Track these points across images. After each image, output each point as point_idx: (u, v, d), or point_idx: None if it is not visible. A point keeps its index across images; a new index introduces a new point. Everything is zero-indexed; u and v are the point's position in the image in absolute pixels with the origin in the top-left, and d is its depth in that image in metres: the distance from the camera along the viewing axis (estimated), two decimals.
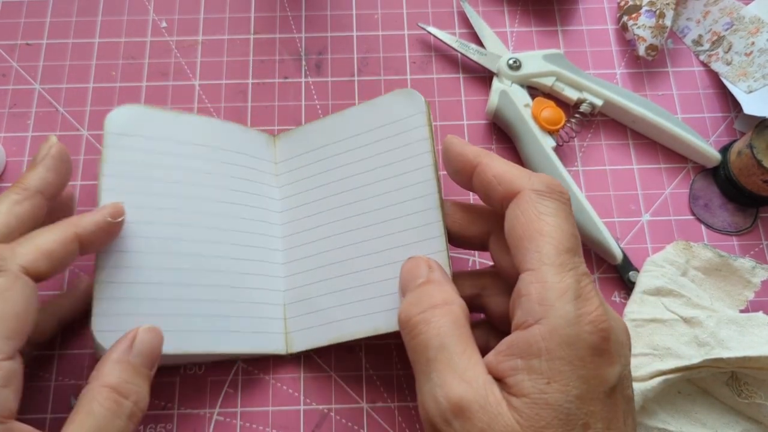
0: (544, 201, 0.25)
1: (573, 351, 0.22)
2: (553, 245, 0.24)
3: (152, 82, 0.41)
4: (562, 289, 0.23)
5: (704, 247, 0.35)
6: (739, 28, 0.42)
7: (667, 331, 0.33)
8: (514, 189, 0.26)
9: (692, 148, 0.39)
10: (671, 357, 0.32)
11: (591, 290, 0.24)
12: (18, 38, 0.42)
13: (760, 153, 0.36)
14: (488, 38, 0.42)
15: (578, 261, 0.24)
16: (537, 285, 0.24)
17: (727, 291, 0.35)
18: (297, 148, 0.37)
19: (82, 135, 0.40)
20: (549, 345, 0.23)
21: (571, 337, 0.22)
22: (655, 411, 0.32)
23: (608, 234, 0.36)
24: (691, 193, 0.39)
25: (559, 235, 0.24)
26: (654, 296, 0.34)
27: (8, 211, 0.28)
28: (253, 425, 0.34)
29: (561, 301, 0.23)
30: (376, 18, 0.44)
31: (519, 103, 0.39)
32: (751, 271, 0.35)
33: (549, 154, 0.37)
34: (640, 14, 0.41)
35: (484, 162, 0.28)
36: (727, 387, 0.32)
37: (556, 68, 0.40)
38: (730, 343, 0.32)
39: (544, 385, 0.22)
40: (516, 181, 0.26)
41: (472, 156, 0.28)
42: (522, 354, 0.23)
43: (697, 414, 0.33)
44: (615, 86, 0.40)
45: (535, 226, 0.25)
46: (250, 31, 0.43)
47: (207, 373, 0.35)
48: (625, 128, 0.41)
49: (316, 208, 0.35)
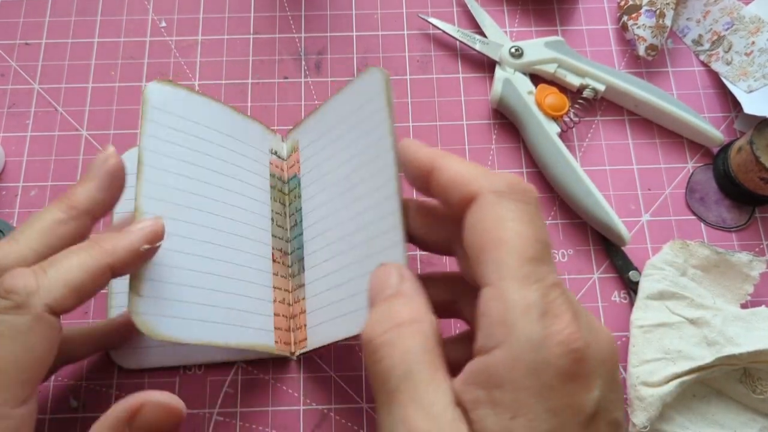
0: (505, 203, 0.22)
1: (540, 379, 0.19)
2: (514, 255, 0.21)
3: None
4: (525, 307, 0.20)
5: (701, 245, 0.35)
6: (739, 28, 0.42)
7: (676, 334, 0.33)
8: (471, 192, 0.23)
9: (694, 128, 0.39)
10: (684, 359, 0.32)
11: (561, 304, 0.20)
12: (17, 38, 0.42)
13: (760, 150, 0.36)
14: (489, 27, 0.42)
15: (545, 271, 0.21)
16: (497, 303, 0.20)
17: (726, 286, 0.35)
18: (304, 141, 0.37)
19: (81, 135, 0.40)
20: (512, 374, 0.19)
21: (537, 364, 0.19)
22: (672, 417, 0.32)
23: (615, 216, 0.36)
24: (689, 185, 0.39)
25: (522, 243, 0.21)
26: (657, 300, 0.34)
27: (51, 231, 0.26)
28: (252, 425, 0.34)
29: (524, 320, 0.20)
30: (375, 18, 0.44)
31: (522, 90, 0.39)
32: (748, 265, 0.35)
33: (554, 140, 0.38)
34: (640, 14, 0.41)
35: (440, 164, 0.24)
36: (741, 384, 0.33)
37: (558, 55, 0.40)
38: (739, 339, 0.32)
39: (509, 420, 0.19)
40: (473, 182, 0.23)
41: (427, 159, 0.25)
42: (483, 384, 0.20)
43: (714, 416, 0.33)
44: (616, 71, 0.41)
45: (494, 234, 0.22)
46: (250, 31, 0.43)
47: (206, 374, 0.35)
48: (625, 126, 0.41)
49: (312, 204, 0.35)
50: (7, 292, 0.23)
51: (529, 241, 0.21)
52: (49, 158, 0.39)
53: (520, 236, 0.21)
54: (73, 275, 0.24)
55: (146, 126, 0.31)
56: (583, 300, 0.37)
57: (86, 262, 0.25)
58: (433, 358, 0.22)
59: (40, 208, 0.38)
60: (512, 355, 0.20)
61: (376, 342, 0.22)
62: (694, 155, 0.40)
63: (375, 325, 0.23)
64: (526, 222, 0.22)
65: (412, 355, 0.21)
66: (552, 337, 0.20)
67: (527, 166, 0.40)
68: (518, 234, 0.21)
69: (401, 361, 0.21)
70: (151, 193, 0.30)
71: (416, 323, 0.22)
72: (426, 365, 0.21)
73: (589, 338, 0.20)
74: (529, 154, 0.39)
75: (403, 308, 0.23)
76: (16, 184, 0.39)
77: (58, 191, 0.38)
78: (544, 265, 0.21)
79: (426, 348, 0.22)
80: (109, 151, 0.28)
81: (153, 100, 0.32)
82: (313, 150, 0.36)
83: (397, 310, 0.23)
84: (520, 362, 0.19)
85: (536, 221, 0.22)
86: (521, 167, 0.40)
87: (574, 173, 0.37)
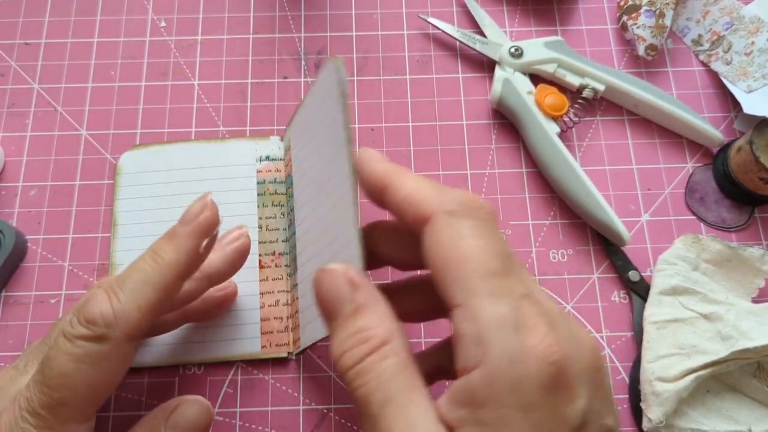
0: (459, 222, 0.22)
1: (521, 395, 0.19)
2: (477, 272, 0.21)
3: (151, 82, 0.41)
4: (497, 323, 0.20)
5: (713, 239, 0.36)
6: (738, 28, 0.42)
7: (689, 329, 0.33)
8: (424, 213, 0.22)
9: (694, 128, 0.39)
10: (698, 354, 0.32)
11: (534, 315, 0.20)
12: (17, 38, 0.42)
13: (759, 150, 0.36)
14: (489, 27, 0.42)
15: (513, 283, 0.21)
16: (469, 323, 0.20)
17: (738, 281, 0.36)
18: (293, 140, 0.37)
19: (81, 134, 0.40)
20: (493, 392, 0.19)
21: (517, 380, 0.19)
22: (686, 412, 0.33)
23: (615, 216, 0.36)
24: (689, 185, 0.39)
25: (483, 258, 0.21)
26: (670, 296, 0.34)
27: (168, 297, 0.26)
28: (252, 425, 0.34)
29: (498, 336, 0.19)
30: (375, 18, 0.44)
31: (522, 90, 0.39)
32: (761, 259, 0.35)
33: (554, 140, 0.38)
34: (640, 14, 0.41)
35: (394, 182, 0.24)
36: (755, 379, 0.33)
37: (558, 55, 0.40)
38: (752, 333, 0.32)
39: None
40: (426, 203, 0.22)
41: (381, 176, 0.24)
42: (467, 404, 0.20)
43: (729, 411, 0.33)
44: (616, 71, 0.41)
45: (454, 254, 0.21)
46: (250, 31, 0.43)
47: (206, 373, 0.35)
48: (625, 126, 0.41)
49: (299, 202, 0.35)
50: (88, 322, 0.24)
51: (490, 256, 0.21)
52: (49, 158, 0.39)
53: (480, 252, 0.21)
54: (145, 298, 0.25)
55: (119, 192, 0.38)
56: (583, 300, 0.37)
57: (155, 280, 0.26)
58: (409, 376, 0.21)
59: (39, 208, 0.38)
60: (491, 373, 0.19)
61: (350, 374, 0.21)
62: (693, 155, 0.40)
63: (345, 358, 0.22)
64: (484, 237, 0.21)
65: (388, 380, 0.21)
66: (529, 352, 0.19)
67: (527, 166, 0.40)
68: (477, 250, 0.21)
69: (378, 387, 0.21)
70: (124, 247, 0.37)
71: (386, 344, 0.21)
72: (404, 387, 0.21)
73: (568, 347, 0.20)
74: (529, 154, 0.39)
75: (368, 329, 0.22)
76: (15, 184, 0.39)
77: (58, 191, 0.38)
78: (509, 277, 0.21)
79: (400, 367, 0.21)
80: (244, 231, 0.31)
81: (126, 168, 0.38)
82: (297, 148, 0.36)
83: (363, 334, 0.22)
84: (500, 380, 0.19)
85: (493, 235, 0.22)
86: (521, 167, 0.40)
87: (574, 173, 0.37)
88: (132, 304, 0.25)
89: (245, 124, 0.40)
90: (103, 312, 0.24)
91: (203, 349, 0.35)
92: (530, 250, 0.38)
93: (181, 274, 0.26)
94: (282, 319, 0.35)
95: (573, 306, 0.36)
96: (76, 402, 0.24)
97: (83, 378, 0.24)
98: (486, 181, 0.39)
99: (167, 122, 0.40)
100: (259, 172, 0.38)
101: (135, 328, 0.25)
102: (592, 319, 0.36)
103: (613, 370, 0.35)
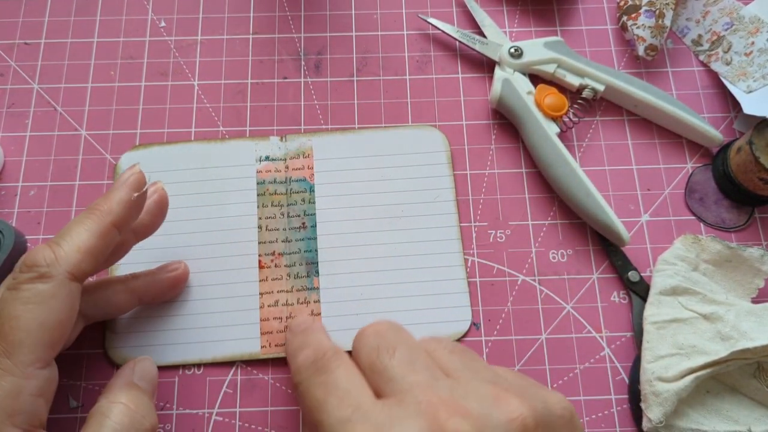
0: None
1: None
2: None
3: (151, 82, 0.41)
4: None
5: (712, 239, 0.36)
6: (738, 28, 0.42)
7: (689, 329, 0.33)
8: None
9: (693, 128, 0.39)
10: (698, 354, 0.32)
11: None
12: (16, 37, 0.42)
13: (759, 150, 0.36)
14: (489, 28, 0.42)
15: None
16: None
17: (738, 281, 0.36)
18: (329, 154, 0.39)
19: (81, 135, 0.40)
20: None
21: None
22: (686, 412, 0.33)
23: (615, 216, 0.36)
24: (688, 185, 0.39)
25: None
26: (670, 296, 0.34)
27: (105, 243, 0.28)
28: (252, 425, 0.34)
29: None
30: (375, 18, 0.44)
31: (522, 90, 0.39)
32: (760, 260, 0.35)
33: (553, 141, 0.38)
34: (640, 14, 0.41)
35: None
36: (755, 380, 0.33)
37: (557, 55, 0.40)
38: (753, 333, 0.32)
39: None
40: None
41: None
42: None
43: (728, 412, 0.33)
44: (616, 71, 0.40)
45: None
46: (249, 31, 0.43)
47: (206, 373, 0.35)
48: (625, 127, 0.41)
49: (325, 215, 0.37)
50: (29, 267, 0.26)
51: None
52: (49, 158, 0.39)
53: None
54: (84, 241, 0.27)
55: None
56: (583, 300, 0.37)
57: (92, 227, 0.27)
58: None
59: (39, 208, 0.38)
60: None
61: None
62: (693, 155, 0.40)
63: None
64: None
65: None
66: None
67: (526, 167, 0.40)
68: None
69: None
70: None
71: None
72: None
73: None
74: (529, 155, 0.39)
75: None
76: (15, 184, 0.39)
77: (58, 191, 0.38)
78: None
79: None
80: (158, 185, 0.32)
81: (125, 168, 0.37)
82: (334, 165, 0.38)
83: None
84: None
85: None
86: (520, 167, 0.40)
87: (574, 173, 0.37)
88: (72, 246, 0.26)
89: (245, 125, 0.40)
90: (45, 255, 0.26)
91: (203, 349, 0.35)
92: (530, 250, 0.38)
93: (114, 221, 0.28)
94: (282, 319, 0.35)
95: (573, 306, 0.36)
96: (31, 341, 0.25)
97: (34, 317, 0.25)
98: (486, 181, 0.39)
99: (167, 122, 0.40)
100: (258, 172, 0.38)
101: (77, 267, 0.26)
102: (591, 320, 0.36)
103: (613, 370, 0.35)
